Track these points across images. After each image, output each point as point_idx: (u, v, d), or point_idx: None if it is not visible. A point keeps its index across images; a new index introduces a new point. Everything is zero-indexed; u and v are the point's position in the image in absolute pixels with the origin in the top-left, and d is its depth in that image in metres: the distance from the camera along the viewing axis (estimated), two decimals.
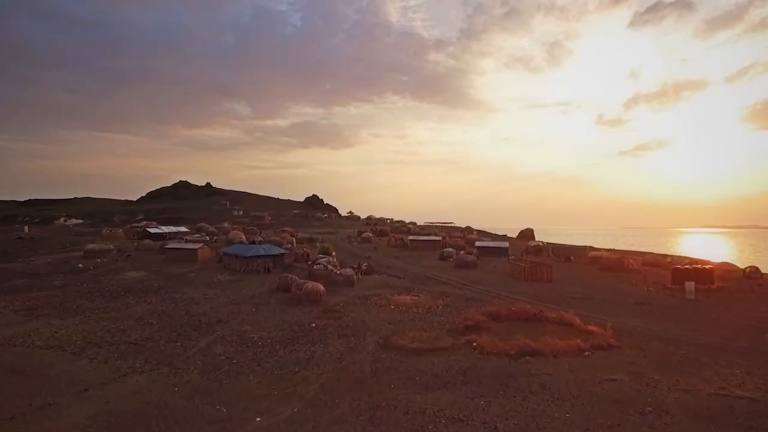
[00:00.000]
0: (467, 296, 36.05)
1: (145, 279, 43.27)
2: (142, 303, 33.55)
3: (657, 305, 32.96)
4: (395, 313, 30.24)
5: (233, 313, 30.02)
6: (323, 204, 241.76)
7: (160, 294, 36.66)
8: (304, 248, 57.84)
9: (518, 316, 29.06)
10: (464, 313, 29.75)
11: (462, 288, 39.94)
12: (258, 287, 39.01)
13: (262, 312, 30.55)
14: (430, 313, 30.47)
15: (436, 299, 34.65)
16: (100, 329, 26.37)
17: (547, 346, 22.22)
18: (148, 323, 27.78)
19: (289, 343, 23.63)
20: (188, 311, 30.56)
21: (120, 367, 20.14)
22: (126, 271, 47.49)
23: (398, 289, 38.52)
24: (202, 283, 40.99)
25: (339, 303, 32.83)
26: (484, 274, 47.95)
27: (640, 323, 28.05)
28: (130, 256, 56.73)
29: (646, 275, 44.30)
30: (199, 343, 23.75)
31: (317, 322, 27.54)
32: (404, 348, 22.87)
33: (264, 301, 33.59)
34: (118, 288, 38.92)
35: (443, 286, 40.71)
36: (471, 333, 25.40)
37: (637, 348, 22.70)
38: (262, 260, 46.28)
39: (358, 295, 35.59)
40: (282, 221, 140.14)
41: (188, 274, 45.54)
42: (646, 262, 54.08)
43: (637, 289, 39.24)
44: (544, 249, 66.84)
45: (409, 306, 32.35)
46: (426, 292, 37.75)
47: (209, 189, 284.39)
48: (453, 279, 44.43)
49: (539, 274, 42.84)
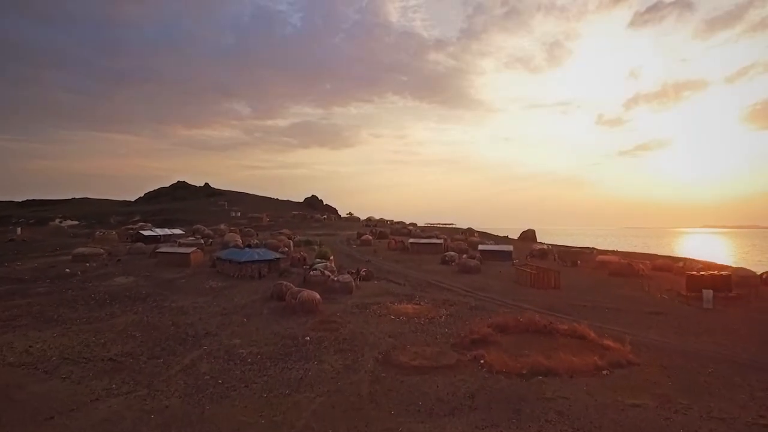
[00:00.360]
0: (471, 304, 34.36)
1: (134, 285, 41.55)
2: (128, 312, 31.85)
3: (673, 315, 31.26)
4: (395, 324, 28.55)
5: (223, 325, 28.31)
6: (322, 205, 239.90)
7: (148, 302, 34.95)
8: (301, 252, 56.15)
9: (527, 328, 27.37)
10: (469, 324, 28.08)
11: (466, 295, 38.23)
12: (251, 295, 37.30)
13: (253, 323, 28.84)
14: (432, 324, 28.77)
15: (438, 308, 32.96)
16: (79, 343, 24.66)
17: (561, 364, 20.52)
18: (131, 336, 26.07)
19: (280, 360, 21.93)
20: (175, 322, 28.85)
21: (94, 389, 18.43)
22: (115, 277, 45.79)
23: (399, 297, 36.83)
24: (192, 291, 39.28)
25: (336, 313, 31.13)
26: (489, 279, 46.24)
27: (657, 336, 26.35)
28: (120, 260, 55.03)
29: (658, 281, 42.61)
30: (183, 359, 22.03)
31: (312, 335, 25.84)
32: (405, 366, 21.18)
33: (256, 311, 31.89)
34: (104, 295, 37.20)
35: (446, 293, 39.01)
36: (477, 348, 23.72)
37: (658, 365, 21.01)
38: (257, 265, 44.58)
39: (357, 304, 33.89)
40: (280, 222, 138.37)
41: (179, 280, 43.83)
42: (656, 267, 52.37)
43: (650, 297, 37.54)
44: (549, 252, 65.12)
45: (411, 316, 30.66)
46: (428, 299, 36.06)
47: (208, 189, 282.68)
48: (456, 285, 42.73)
49: (546, 281, 41.13)
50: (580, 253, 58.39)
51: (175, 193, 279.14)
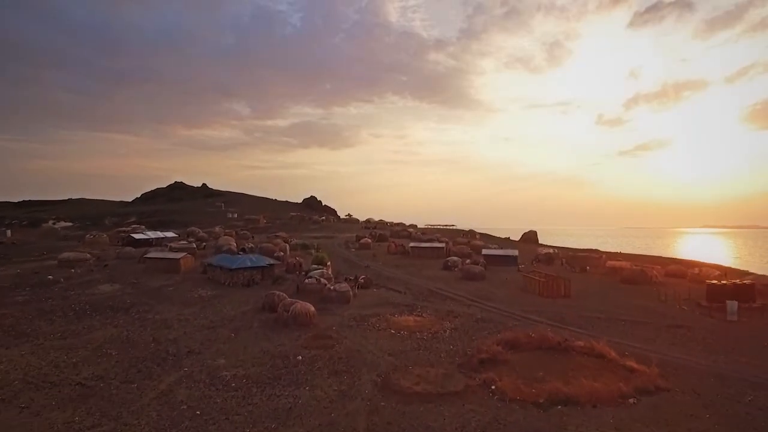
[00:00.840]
0: (477, 316, 32.25)
1: (118, 294, 39.42)
2: (107, 325, 29.74)
3: (696, 328, 29.13)
4: (396, 340, 26.44)
5: (208, 341, 26.18)
6: (321, 206, 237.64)
7: (131, 314, 32.82)
8: (297, 257, 54.02)
9: (539, 345, 25.25)
10: (476, 340, 25.99)
11: (470, 305, 36.10)
12: (241, 305, 35.16)
13: (241, 338, 26.72)
14: (436, 339, 26.67)
15: (442, 321, 30.85)
16: (48, 363, 22.55)
17: (582, 390, 18.41)
18: (106, 354, 23.94)
19: (268, 384, 19.82)
20: (156, 338, 26.71)
21: (53, 423, 16.33)
22: (99, 284, 43.64)
23: (399, 308, 34.72)
24: (179, 300, 37.14)
25: (331, 326, 29.02)
26: (494, 287, 44.11)
27: (683, 354, 24.23)
28: (107, 265, 52.88)
29: (673, 289, 40.47)
30: (159, 384, 19.91)
31: (305, 353, 23.72)
32: (408, 392, 19.06)
33: (246, 324, 29.76)
34: (84, 306, 35.07)
35: (449, 303, 36.89)
36: (487, 369, 21.63)
37: (691, 392, 18.90)
38: (249, 272, 42.45)
39: (354, 316, 31.78)
40: (277, 224, 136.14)
41: (167, 288, 41.68)
42: (669, 273, 50.22)
43: (668, 307, 35.40)
44: (556, 257, 62.94)
45: (412, 330, 28.54)
46: (430, 310, 33.95)
47: (205, 190, 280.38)
48: (460, 294, 40.59)
49: (555, 289, 39.01)
50: (589, 258, 56.28)
51: (172, 193, 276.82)
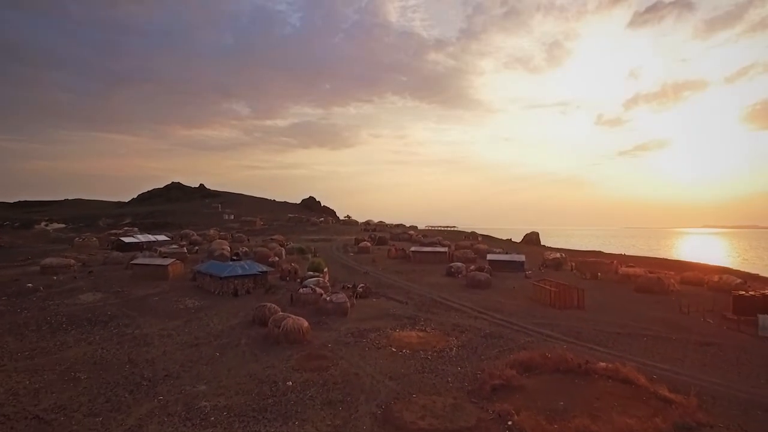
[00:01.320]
0: (485, 331, 29.86)
1: (99, 304, 37.01)
2: (82, 342, 27.35)
3: (727, 346, 26.77)
4: (398, 360, 24.06)
5: (189, 362, 23.78)
6: (320, 206, 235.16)
7: (109, 328, 30.43)
8: (292, 263, 51.63)
9: (557, 367, 22.86)
10: (487, 361, 23.63)
11: (477, 318, 33.72)
12: (230, 318, 32.77)
13: (227, 359, 24.33)
14: (442, 359, 24.29)
15: (447, 336, 28.48)
16: (6, 390, 20.17)
17: (614, 429, 16.04)
18: (74, 378, 21.56)
19: (252, 418, 17.44)
20: (133, 358, 24.31)
21: None
22: (81, 293, 41.22)
23: (400, 320, 32.35)
24: (164, 312, 34.74)
25: (327, 343, 26.65)
26: (501, 296, 41.70)
27: (719, 378, 21.85)
28: (92, 272, 50.45)
29: (693, 299, 38.14)
30: (128, 418, 17.52)
31: (296, 378, 21.35)
32: (412, 428, 16.69)
33: (233, 341, 27.37)
34: (61, 318, 32.69)
35: (454, 315, 34.50)
36: (501, 397, 19.28)
37: (737, 429, 16.53)
38: (240, 281, 40.06)
39: (352, 331, 29.40)
40: (275, 226, 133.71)
41: (152, 298, 39.27)
42: (686, 281, 47.83)
43: (691, 320, 33.03)
44: (564, 262, 60.47)
45: (415, 348, 26.16)
46: (434, 324, 31.58)
47: (203, 191, 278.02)
48: (465, 304, 38.20)
49: (569, 300, 36.63)
50: (600, 264, 53.85)
51: (169, 194, 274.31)
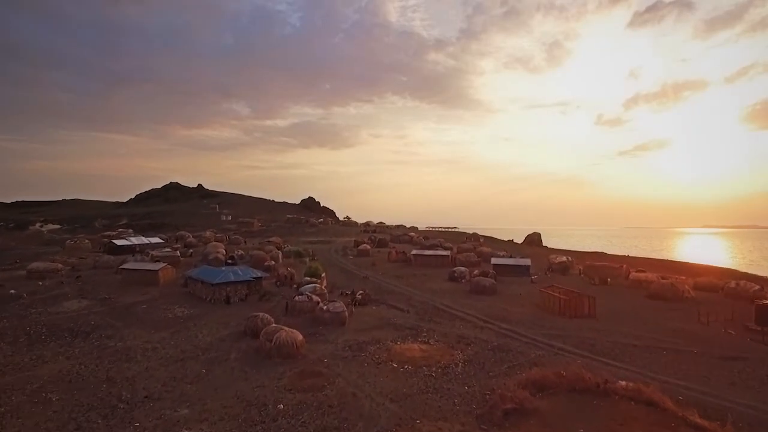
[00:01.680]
0: (493, 343, 28.06)
1: (84, 313, 35.23)
2: (60, 356, 25.56)
3: (754, 360, 24.94)
4: (399, 378, 22.27)
5: (173, 380, 21.97)
6: (319, 207, 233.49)
7: (91, 339, 28.65)
8: (288, 268, 49.82)
9: (573, 386, 21.06)
10: (496, 379, 21.85)
11: (483, 328, 31.92)
12: (220, 328, 30.97)
13: (214, 376, 22.53)
14: (447, 377, 22.51)
15: (452, 349, 26.68)
16: None
17: None
18: (45, 400, 19.76)
19: None
20: (111, 376, 22.51)
21: None
22: (66, 300, 39.45)
23: (402, 331, 30.56)
24: (151, 321, 32.94)
25: (323, 358, 24.85)
26: (507, 303, 39.87)
27: (751, 400, 20.03)
28: (80, 277, 48.66)
29: (710, 307, 36.32)
30: None
31: (287, 399, 19.54)
32: None
33: (222, 355, 25.57)
34: (41, 328, 30.93)
35: (459, 325, 32.69)
36: (513, 424, 17.48)
37: None
38: (233, 287, 38.27)
39: (350, 343, 27.60)
40: (273, 228, 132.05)
41: (140, 306, 37.48)
42: (700, 287, 45.93)
43: (712, 331, 31.20)
44: (571, 266, 58.56)
45: (418, 363, 24.37)
46: (438, 335, 29.78)
47: (201, 191, 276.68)
48: (470, 312, 36.39)
49: (579, 308, 34.82)
50: (609, 269, 52.01)
51: (167, 194, 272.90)
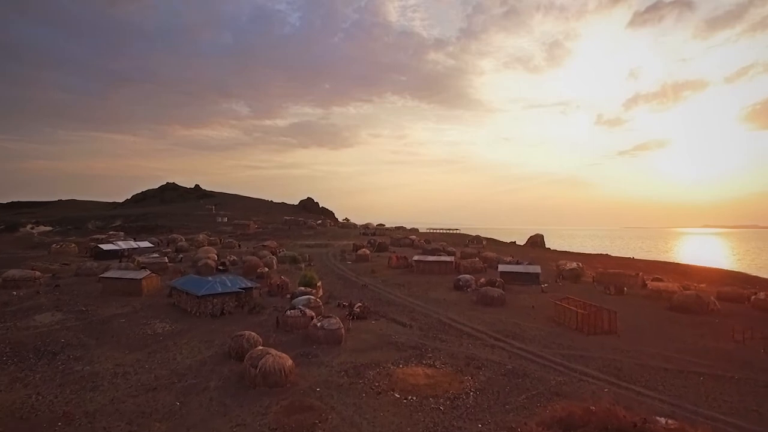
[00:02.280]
0: (506, 366, 25.24)
1: (56, 328, 32.37)
2: (17, 383, 22.71)
3: None
4: (402, 412, 19.45)
5: (141, 415, 19.13)
6: (318, 208, 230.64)
7: (57, 362, 25.77)
8: (282, 276, 46.95)
9: (605, 425, 18.20)
10: (514, 413, 19.02)
11: (494, 347, 29.08)
12: (203, 348, 28.10)
13: (189, 410, 19.69)
14: (457, 411, 19.70)
15: (461, 374, 23.87)
16: None
17: None
18: None
19: None
20: (70, 411, 19.64)
21: None
22: (39, 313, 36.54)
23: (404, 351, 27.73)
24: (127, 339, 30.07)
25: (315, 386, 22.02)
26: (518, 317, 37.01)
27: None
28: (58, 286, 45.78)
29: (744, 323, 33.53)
30: None
31: None
32: None
33: (201, 382, 22.71)
34: (4, 347, 28.06)
35: (467, 343, 29.86)
36: None
37: None
38: (220, 299, 35.43)
39: (346, 366, 24.77)
40: (269, 230, 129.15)
41: (118, 320, 34.62)
42: (724, 296, 43.05)
43: (748, 351, 28.37)
44: (583, 273, 55.59)
45: (423, 392, 21.55)
46: (445, 355, 26.96)
47: (198, 191, 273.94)
48: (478, 327, 33.56)
49: (598, 323, 32.01)
50: (624, 277, 49.12)
51: (163, 195, 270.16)
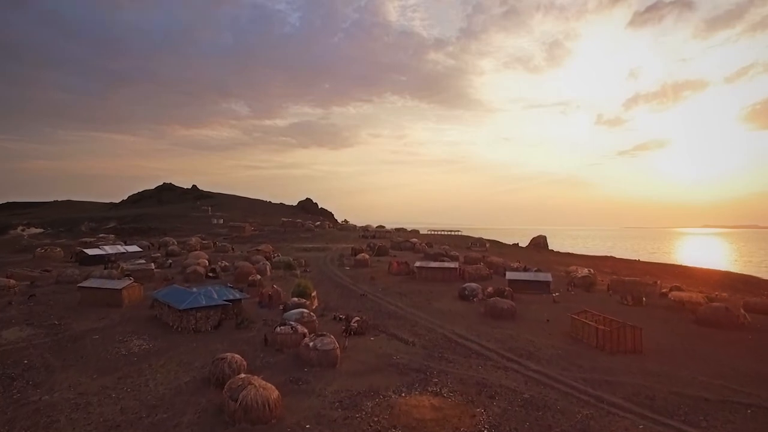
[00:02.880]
0: (524, 394, 22.39)
1: (21, 347, 29.52)
2: None
3: None
4: None
5: None
6: (317, 208, 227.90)
7: (12, 389, 22.89)
8: (274, 285, 44.04)
9: None
10: None
11: (508, 369, 26.21)
12: (181, 372, 25.20)
13: None
14: None
15: (473, 405, 21.03)
16: None
17: None
18: None
19: None
20: None
21: None
22: (7, 327, 33.70)
23: (407, 375, 24.86)
24: (97, 360, 27.18)
25: (304, 422, 19.17)
26: (532, 332, 34.10)
27: None
28: (34, 295, 42.95)
29: None
30: None
31: None
32: None
33: (172, 417, 19.83)
34: None
35: (477, 364, 26.99)
36: None
37: None
38: (205, 313, 32.58)
39: (341, 396, 21.91)
40: (266, 232, 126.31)
41: (92, 336, 31.76)
42: (751, 307, 40.19)
43: None
44: (596, 281, 52.59)
45: (430, 429, 18.72)
46: (452, 380, 24.09)
47: (195, 192, 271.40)
48: (488, 345, 30.68)
49: (622, 341, 29.12)
50: (642, 285, 46.23)
51: (160, 195, 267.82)
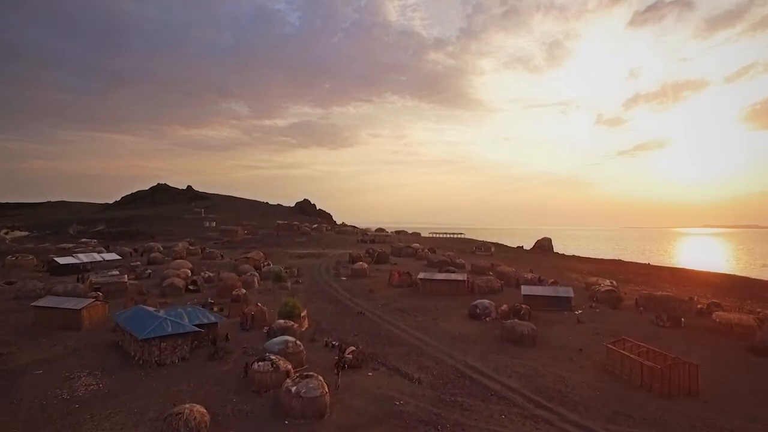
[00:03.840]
0: None
1: None
2: None
3: None
4: None
5: None
6: (315, 210, 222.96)
7: None
8: (258, 303, 39.15)
9: None
10: None
11: (537, 420, 21.39)
12: (129, 426, 20.37)
13: None
14: None
15: None
16: None
17: None
18: None
19: None
20: None
21: None
22: None
23: (413, 428, 20.08)
24: (30, 408, 22.34)
25: None
26: (559, 364, 29.21)
27: None
28: None
29: None
30: None
31: None
32: None
33: None
34: None
35: (498, 411, 22.17)
36: None
37: None
38: (171, 342, 27.81)
39: None
40: (259, 236, 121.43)
41: (34, 371, 26.93)
42: None
43: None
44: (621, 295, 47.38)
45: None
46: None
47: (190, 192, 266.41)
48: (510, 382, 25.84)
49: (674, 381, 24.28)
50: (678, 302, 41.30)
51: (153, 196, 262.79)
